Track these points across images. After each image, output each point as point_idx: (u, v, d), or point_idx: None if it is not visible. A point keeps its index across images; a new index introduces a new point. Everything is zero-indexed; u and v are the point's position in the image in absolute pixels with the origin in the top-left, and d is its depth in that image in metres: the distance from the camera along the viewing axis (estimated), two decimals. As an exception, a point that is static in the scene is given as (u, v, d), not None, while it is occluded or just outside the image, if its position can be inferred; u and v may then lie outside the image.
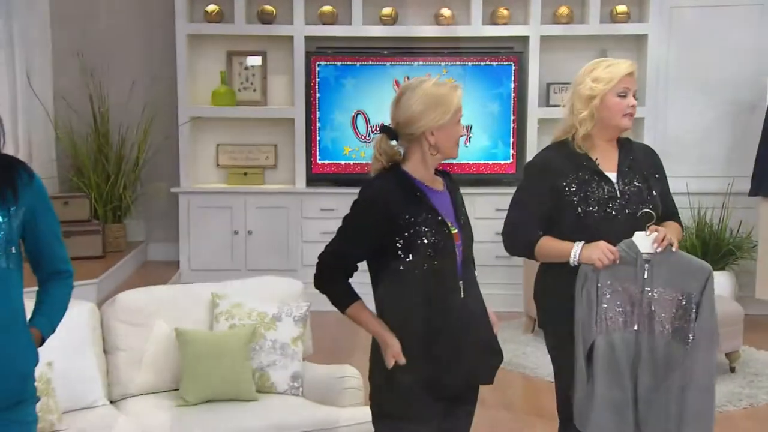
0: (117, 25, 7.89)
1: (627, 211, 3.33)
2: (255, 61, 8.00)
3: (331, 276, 2.97)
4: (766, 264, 6.64)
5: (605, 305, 3.24)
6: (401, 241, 2.85)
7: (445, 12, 7.82)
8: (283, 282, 4.53)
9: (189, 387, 3.98)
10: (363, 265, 3.00)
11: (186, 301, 4.25)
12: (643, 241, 3.23)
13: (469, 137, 7.71)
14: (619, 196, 3.34)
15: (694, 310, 3.24)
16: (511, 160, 7.77)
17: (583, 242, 3.25)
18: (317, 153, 7.88)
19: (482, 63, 7.78)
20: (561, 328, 3.35)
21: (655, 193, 3.40)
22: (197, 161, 7.99)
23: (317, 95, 7.83)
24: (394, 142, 2.95)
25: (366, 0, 7.74)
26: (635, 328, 3.25)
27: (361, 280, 3.03)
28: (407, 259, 2.85)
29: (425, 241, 2.84)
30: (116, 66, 7.77)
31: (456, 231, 2.91)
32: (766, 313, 6.88)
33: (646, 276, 3.24)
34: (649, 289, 3.24)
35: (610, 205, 3.32)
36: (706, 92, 7.50)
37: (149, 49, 7.93)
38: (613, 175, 3.38)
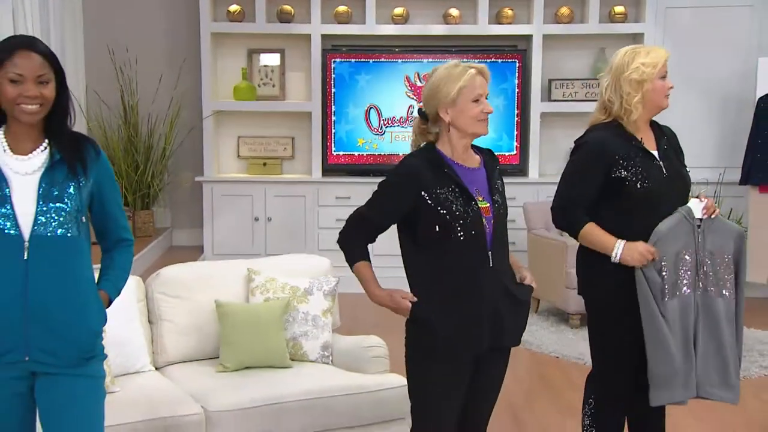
0: (145, 23, 7.95)
1: (672, 186, 3.36)
2: (274, 58, 8.05)
3: (350, 234, 3.04)
4: (755, 249, 6.70)
5: (669, 269, 3.28)
6: (429, 213, 2.88)
7: (453, 12, 7.88)
8: (313, 259, 4.55)
9: (228, 355, 4.02)
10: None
11: (224, 275, 4.27)
12: (697, 207, 3.31)
13: (476, 130, 7.74)
14: (665, 173, 3.37)
15: (733, 268, 3.35)
16: (515, 152, 7.82)
17: (624, 242, 3.27)
18: (332, 145, 7.94)
19: (488, 60, 7.81)
20: (602, 299, 3.42)
21: (687, 169, 3.48)
22: (220, 152, 8.05)
23: (332, 90, 7.87)
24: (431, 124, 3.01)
25: (379, 0, 7.79)
26: (695, 288, 3.32)
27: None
28: (435, 230, 2.89)
29: (451, 214, 2.87)
30: (144, 62, 7.84)
31: (487, 205, 2.94)
32: (756, 296, 6.95)
33: (700, 240, 3.31)
34: (703, 251, 3.32)
35: (657, 182, 3.33)
36: (699, 88, 7.57)
37: (175, 47, 8.00)
38: (655, 154, 3.40)
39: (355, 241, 3.03)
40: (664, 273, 3.27)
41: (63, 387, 2.61)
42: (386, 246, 3.45)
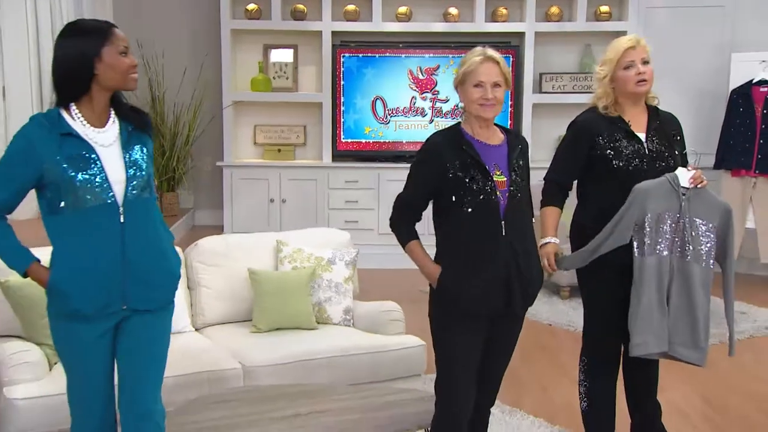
0: (171, 21, 7.99)
1: (655, 165, 3.35)
2: (288, 53, 8.08)
3: (395, 218, 3.06)
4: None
5: (652, 229, 3.26)
6: (449, 186, 2.90)
7: (452, 11, 7.93)
8: (334, 232, 4.66)
9: (260, 317, 4.12)
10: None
11: (255, 246, 4.36)
12: (684, 175, 3.28)
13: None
14: (647, 153, 3.37)
15: (715, 240, 3.30)
16: (509, 139, 7.89)
17: (551, 239, 3.35)
18: (341, 132, 7.98)
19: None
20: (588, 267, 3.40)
21: (676, 152, 3.44)
22: (238, 139, 8.09)
23: (342, 83, 7.91)
24: None
25: (385, 0, 7.85)
26: (672, 251, 3.30)
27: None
28: (453, 200, 2.90)
29: (467, 187, 2.88)
30: (170, 55, 7.88)
31: (504, 179, 2.92)
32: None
33: (683, 206, 3.27)
34: (685, 217, 3.28)
35: (638, 161, 3.34)
36: (677, 81, 7.62)
37: (198, 42, 8.04)
38: (642, 135, 3.41)
39: (401, 224, 3.04)
40: (647, 229, 3.27)
41: (148, 326, 2.71)
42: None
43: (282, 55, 8.08)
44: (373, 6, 7.83)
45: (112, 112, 2.68)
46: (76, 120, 2.61)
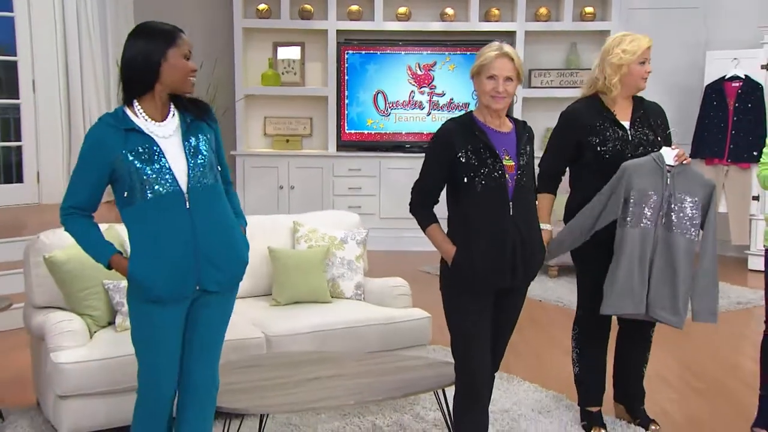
0: (187, 20, 7.84)
1: (638, 151, 3.41)
2: (296, 50, 8.14)
3: (414, 203, 3.07)
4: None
5: (637, 204, 3.30)
6: (461, 168, 2.91)
7: (449, 11, 8.01)
8: (346, 214, 4.69)
9: (279, 292, 4.17)
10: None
11: (274, 227, 4.40)
12: (669, 154, 3.32)
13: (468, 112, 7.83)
14: (630, 139, 3.43)
15: (700, 212, 3.34)
16: (500, 131, 7.95)
17: (549, 226, 3.42)
18: (345, 124, 8.05)
19: (477, 52, 7.91)
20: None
21: (659, 139, 3.48)
22: (249, 130, 8.15)
23: (346, 78, 7.98)
24: None
25: (386, 1, 7.91)
26: (657, 223, 3.35)
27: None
28: (465, 181, 2.91)
29: (477, 169, 2.89)
30: (186, 52, 7.91)
31: (512, 163, 2.94)
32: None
33: (668, 182, 3.32)
34: (670, 193, 3.31)
35: (620, 147, 3.40)
36: (655, 76, 7.44)
37: (212, 39, 8.04)
38: (626, 124, 3.46)
39: (419, 208, 3.04)
40: (631, 203, 3.31)
41: (214, 306, 2.74)
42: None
43: (290, 52, 8.14)
44: (375, 6, 7.91)
45: (172, 106, 2.69)
46: (138, 116, 2.63)
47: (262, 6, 7.91)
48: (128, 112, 2.64)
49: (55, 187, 7.25)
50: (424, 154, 3.08)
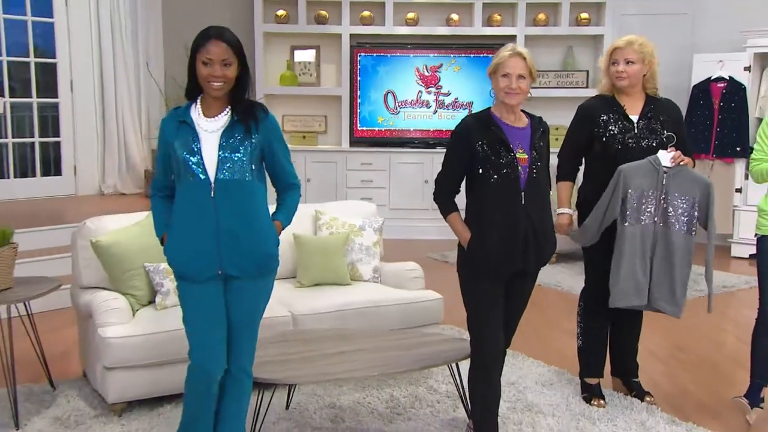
0: (212, 23, 8.01)
1: (642, 143, 3.45)
2: (312, 53, 8.17)
3: (437, 193, 3.11)
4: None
5: (635, 203, 3.34)
6: (478, 159, 2.96)
7: (454, 16, 8.04)
8: (363, 204, 4.73)
9: (303, 274, 4.23)
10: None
11: (297, 215, 4.21)
12: (665, 156, 3.34)
13: (471, 111, 7.89)
14: (635, 132, 3.46)
15: (696, 211, 3.37)
16: (501, 128, 7.98)
17: (568, 210, 3.54)
18: (358, 122, 8.07)
19: (481, 55, 7.98)
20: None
21: (665, 131, 3.48)
22: (268, 127, 8.17)
23: (358, 78, 8.01)
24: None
25: (396, 7, 7.94)
26: (655, 221, 3.37)
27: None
28: (480, 172, 2.96)
29: (492, 160, 2.94)
30: (211, 55, 7.93)
31: (525, 156, 2.95)
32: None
33: (664, 183, 3.34)
34: (666, 193, 3.34)
35: (623, 138, 3.45)
36: None
37: (234, 43, 8.10)
38: (635, 118, 3.50)
39: (442, 198, 3.08)
40: (629, 203, 3.35)
41: (246, 289, 2.77)
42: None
43: (306, 55, 8.17)
44: (385, 12, 7.94)
45: (229, 106, 2.72)
46: (195, 111, 2.72)
47: (280, 12, 7.95)
48: (192, 106, 2.74)
49: (90, 180, 7.34)
50: (431, 150, 3.13)
